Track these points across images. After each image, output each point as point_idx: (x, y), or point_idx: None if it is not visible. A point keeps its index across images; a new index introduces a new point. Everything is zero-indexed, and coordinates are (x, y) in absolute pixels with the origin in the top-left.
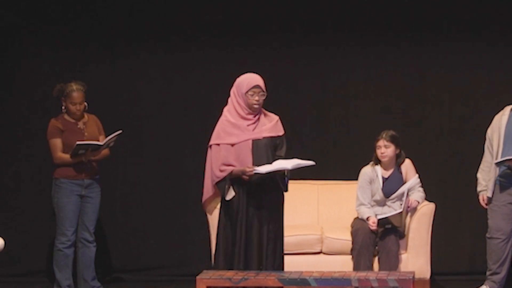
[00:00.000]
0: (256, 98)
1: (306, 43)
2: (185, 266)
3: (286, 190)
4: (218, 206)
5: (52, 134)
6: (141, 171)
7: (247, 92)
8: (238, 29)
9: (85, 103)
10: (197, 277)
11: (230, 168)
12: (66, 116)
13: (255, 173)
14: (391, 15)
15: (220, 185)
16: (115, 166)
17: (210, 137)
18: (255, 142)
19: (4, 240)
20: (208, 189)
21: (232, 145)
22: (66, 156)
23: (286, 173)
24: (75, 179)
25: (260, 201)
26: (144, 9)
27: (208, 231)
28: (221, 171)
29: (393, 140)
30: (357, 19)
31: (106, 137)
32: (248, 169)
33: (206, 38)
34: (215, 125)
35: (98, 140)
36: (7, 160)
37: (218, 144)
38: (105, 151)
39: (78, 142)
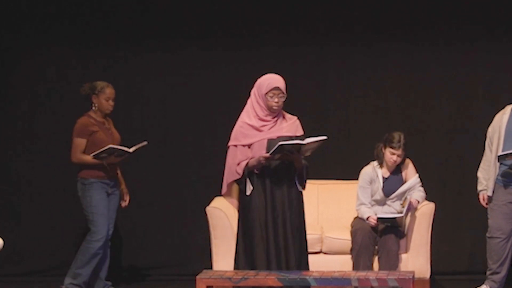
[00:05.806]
0: (276, 100)
1: (305, 43)
2: (185, 266)
3: (303, 189)
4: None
5: (79, 133)
6: (141, 171)
7: (267, 93)
8: (239, 29)
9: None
10: (197, 277)
11: (246, 161)
12: (94, 115)
13: (270, 154)
14: (391, 15)
15: (239, 181)
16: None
17: (229, 138)
18: (270, 141)
19: (4, 240)
20: (224, 187)
21: (248, 146)
22: (87, 158)
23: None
24: (103, 179)
25: (279, 199)
26: (147, 9)
27: (208, 231)
28: (238, 168)
29: (405, 148)
30: (357, 19)
31: (133, 146)
32: (262, 156)
33: (208, 39)
34: (233, 127)
35: (119, 141)
36: (8, 160)
37: (235, 146)
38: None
39: (111, 146)
